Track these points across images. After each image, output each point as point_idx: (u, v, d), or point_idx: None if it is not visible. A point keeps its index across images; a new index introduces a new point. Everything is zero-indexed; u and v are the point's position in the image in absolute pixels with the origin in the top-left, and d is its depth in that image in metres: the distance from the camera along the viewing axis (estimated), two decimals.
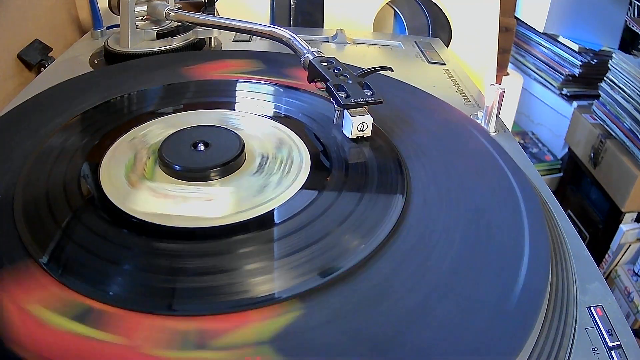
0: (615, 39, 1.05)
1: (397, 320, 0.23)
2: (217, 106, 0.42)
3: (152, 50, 0.53)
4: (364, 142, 0.37)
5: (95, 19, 0.61)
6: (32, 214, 0.29)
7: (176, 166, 0.32)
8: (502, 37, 0.72)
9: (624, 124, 0.85)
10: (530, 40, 1.18)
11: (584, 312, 0.26)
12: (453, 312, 0.24)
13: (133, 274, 0.26)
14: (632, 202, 0.85)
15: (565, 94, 1.08)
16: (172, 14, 0.54)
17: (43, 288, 0.24)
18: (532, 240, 0.28)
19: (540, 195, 0.35)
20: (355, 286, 0.25)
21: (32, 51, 0.56)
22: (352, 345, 0.22)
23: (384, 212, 0.30)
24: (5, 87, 0.53)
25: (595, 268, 0.30)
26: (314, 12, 0.70)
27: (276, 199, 0.31)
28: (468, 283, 0.25)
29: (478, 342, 0.22)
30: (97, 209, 0.30)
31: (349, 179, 0.33)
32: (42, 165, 0.33)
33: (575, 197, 1.03)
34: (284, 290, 0.25)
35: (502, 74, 0.83)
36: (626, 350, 0.24)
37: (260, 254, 0.27)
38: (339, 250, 0.27)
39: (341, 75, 0.38)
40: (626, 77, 0.85)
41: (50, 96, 0.43)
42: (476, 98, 0.50)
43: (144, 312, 0.23)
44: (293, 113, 0.41)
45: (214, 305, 0.24)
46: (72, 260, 0.26)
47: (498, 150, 0.37)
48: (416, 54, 0.61)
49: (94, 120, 0.39)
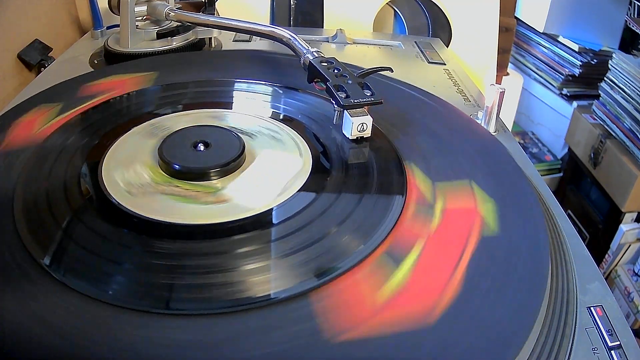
0: (615, 39, 1.06)
1: (394, 320, 0.23)
2: (217, 106, 0.42)
3: (152, 50, 0.53)
4: (364, 142, 0.37)
5: (95, 19, 0.61)
6: (32, 214, 0.29)
7: (176, 165, 0.32)
8: (502, 37, 0.72)
9: (624, 124, 0.85)
10: (530, 40, 1.18)
11: (584, 312, 0.26)
12: (453, 312, 0.24)
13: (133, 273, 0.26)
14: (632, 202, 0.85)
15: (565, 94, 1.08)
16: (172, 14, 0.54)
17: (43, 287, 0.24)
18: (532, 240, 0.28)
19: (540, 195, 0.35)
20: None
21: (32, 51, 0.56)
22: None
23: (383, 212, 0.30)
24: (5, 87, 0.53)
25: (595, 268, 0.30)
26: (314, 12, 0.70)
27: (276, 199, 0.31)
28: (467, 283, 0.25)
29: (478, 342, 0.22)
30: (98, 208, 0.30)
31: (348, 180, 0.33)
32: (42, 165, 0.33)
33: (575, 197, 1.03)
34: (284, 290, 0.25)
35: (502, 74, 0.83)
36: (626, 350, 0.24)
37: (259, 253, 0.27)
38: (338, 250, 0.27)
39: (341, 76, 0.38)
40: (626, 77, 0.85)
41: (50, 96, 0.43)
42: (476, 98, 0.50)
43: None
44: (293, 114, 0.41)
45: (211, 305, 0.24)
46: (72, 260, 0.26)
47: (498, 150, 0.37)
48: (416, 54, 0.61)
49: (94, 120, 0.39)
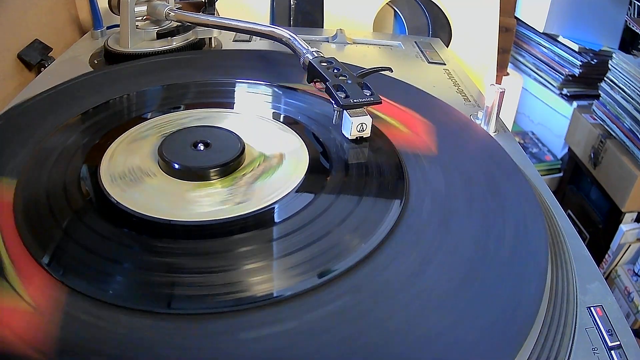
0: (615, 39, 1.05)
1: (396, 320, 0.23)
2: (218, 106, 0.42)
3: (152, 50, 0.53)
4: (364, 142, 0.37)
5: (95, 19, 0.61)
6: (32, 214, 0.29)
7: (176, 165, 0.32)
8: (502, 37, 0.72)
9: (624, 124, 0.85)
10: (530, 40, 1.18)
11: (584, 312, 0.26)
12: (452, 312, 0.24)
13: (133, 273, 0.26)
14: (632, 202, 0.85)
15: (565, 94, 1.08)
16: (172, 14, 0.54)
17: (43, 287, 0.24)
18: (532, 241, 0.28)
19: (540, 195, 0.35)
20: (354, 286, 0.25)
21: (32, 51, 0.56)
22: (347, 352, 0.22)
23: (383, 212, 0.30)
24: (5, 87, 0.53)
25: (595, 268, 0.30)
26: (314, 12, 0.70)
27: (276, 199, 0.31)
28: (467, 283, 0.25)
29: (478, 342, 0.22)
30: (97, 208, 0.30)
31: (348, 180, 0.33)
32: (42, 165, 0.33)
33: (575, 197, 1.03)
34: (283, 290, 0.25)
35: (502, 74, 0.82)
36: (626, 350, 0.24)
37: (258, 253, 0.27)
38: (338, 250, 0.27)
39: (340, 76, 0.38)
40: (626, 77, 0.85)
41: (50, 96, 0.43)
42: (476, 98, 0.50)
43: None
44: (292, 114, 0.41)
45: (211, 304, 0.24)
46: (72, 259, 0.26)
47: (498, 150, 0.37)
48: (416, 54, 0.61)
49: (94, 120, 0.39)
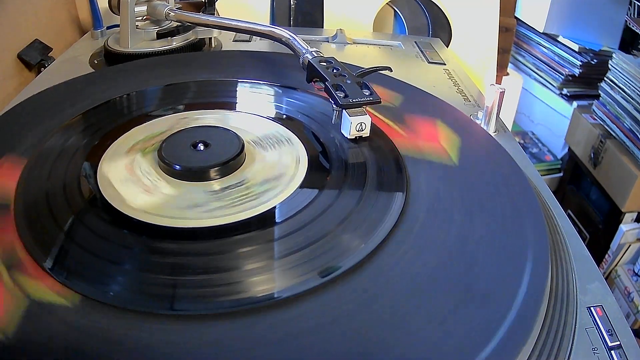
0: (615, 39, 1.06)
1: (396, 320, 0.23)
2: (218, 106, 0.42)
3: (152, 50, 0.53)
4: (363, 142, 0.37)
5: (95, 19, 0.61)
6: (32, 215, 0.29)
7: (176, 166, 0.32)
8: (502, 37, 0.72)
9: (624, 124, 0.85)
10: (530, 40, 1.18)
11: (584, 312, 0.26)
12: (453, 312, 0.24)
13: (133, 274, 0.26)
14: (632, 202, 0.85)
15: (565, 94, 1.08)
16: (172, 14, 0.54)
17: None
18: (532, 240, 0.28)
19: (540, 195, 0.35)
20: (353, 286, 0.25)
21: (32, 51, 0.56)
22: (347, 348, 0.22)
23: (383, 212, 0.30)
24: (5, 87, 0.53)
25: (595, 268, 0.30)
26: (314, 12, 0.70)
27: (275, 199, 0.31)
28: (468, 283, 0.25)
29: (477, 342, 0.22)
30: (96, 209, 0.30)
31: (348, 179, 0.33)
32: (42, 165, 0.33)
33: (575, 197, 1.03)
34: (283, 290, 0.25)
35: (502, 74, 0.82)
36: (626, 350, 0.24)
37: (259, 253, 0.27)
38: (338, 250, 0.27)
39: (340, 75, 0.38)
40: (626, 77, 0.85)
41: (50, 96, 0.43)
42: (476, 98, 0.50)
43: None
44: (292, 113, 0.41)
45: (212, 305, 0.24)
46: (73, 261, 0.26)
47: (498, 150, 0.37)
48: (416, 54, 0.61)
49: (94, 120, 0.39)
